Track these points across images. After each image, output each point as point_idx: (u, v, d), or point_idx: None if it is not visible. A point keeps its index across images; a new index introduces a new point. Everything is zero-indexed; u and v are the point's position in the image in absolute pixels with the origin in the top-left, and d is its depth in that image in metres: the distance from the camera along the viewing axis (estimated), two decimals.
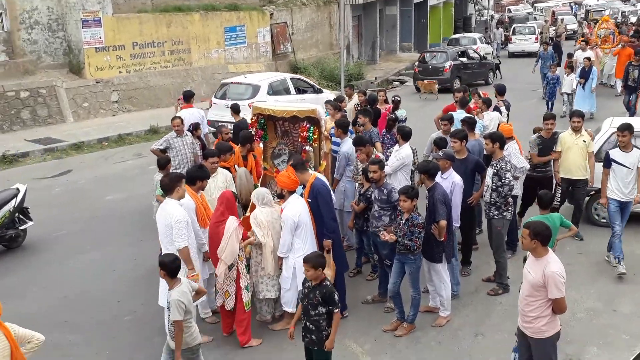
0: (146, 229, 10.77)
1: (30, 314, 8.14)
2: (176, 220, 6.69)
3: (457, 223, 8.06)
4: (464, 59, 25.71)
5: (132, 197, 12.23)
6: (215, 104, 17.18)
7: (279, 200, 7.90)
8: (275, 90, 17.47)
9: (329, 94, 19.16)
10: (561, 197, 10.13)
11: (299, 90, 18.18)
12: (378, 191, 7.79)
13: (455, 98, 12.45)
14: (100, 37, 19.66)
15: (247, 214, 8.05)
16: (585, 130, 9.97)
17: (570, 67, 18.78)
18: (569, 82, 18.42)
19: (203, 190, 7.72)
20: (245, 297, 7.11)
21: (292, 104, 10.10)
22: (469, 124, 9.83)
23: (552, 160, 9.89)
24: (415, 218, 7.11)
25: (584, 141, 9.78)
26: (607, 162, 8.95)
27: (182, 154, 10.15)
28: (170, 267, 5.84)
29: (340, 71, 24.61)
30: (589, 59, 18.52)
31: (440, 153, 8.34)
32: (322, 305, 5.71)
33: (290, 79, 18.42)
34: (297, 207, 7.26)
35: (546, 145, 9.83)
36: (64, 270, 9.53)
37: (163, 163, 9.15)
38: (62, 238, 10.78)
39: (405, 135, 9.33)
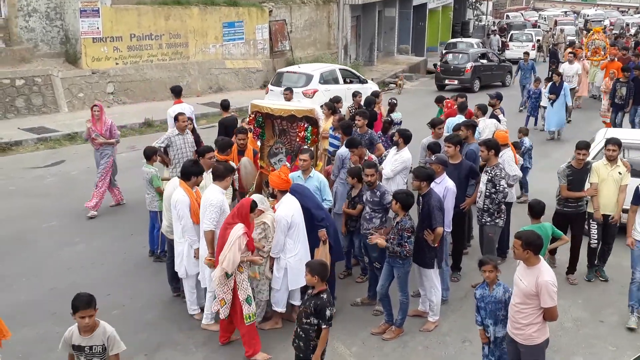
0: (137, 222, 10.76)
1: (18, 304, 8.11)
2: (210, 204, 7.03)
3: (448, 228, 8.08)
4: (484, 61, 26.55)
5: (124, 190, 12.18)
6: (271, 90, 18.85)
7: (272, 200, 7.92)
8: (326, 79, 19.27)
9: (373, 85, 20.93)
10: (597, 235, 8.82)
11: (346, 80, 19.84)
12: (370, 193, 7.81)
13: (447, 105, 12.57)
14: (97, 28, 19.59)
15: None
16: (621, 160, 8.79)
17: (548, 80, 17.91)
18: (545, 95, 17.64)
19: (198, 185, 7.71)
20: (246, 309, 6.84)
21: (290, 102, 10.09)
22: (473, 126, 9.87)
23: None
24: (404, 222, 7.10)
25: (620, 173, 8.60)
26: (637, 198, 7.80)
27: (183, 151, 10.14)
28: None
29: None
30: (559, 74, 17.57)
31: (433, 157, 8.36)
32: (313, 316, 5.69)
33: (339, 69, 20.22)
34: (290, 207, 7.24)
35: (577, 177, 8.75)
36: (53, 262, 9.49)
37: (149, 154, 9.28)
38: (52, 229, 10.73)
39: (407, 138, 9.35)
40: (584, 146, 8.70)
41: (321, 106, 11.64)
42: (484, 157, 8.54)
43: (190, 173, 7.54)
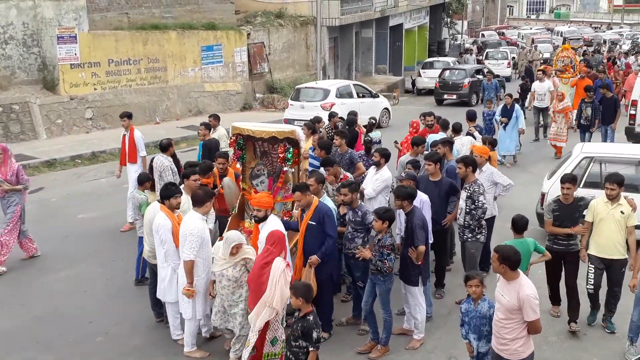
0: (118, 248, 10.70)
1: (1, 332, 8.02)
2: (191, 233, 7.01)
3: (430, 239, 8.14)
4: (480, 76, 27.49)
5: (104, 216, 12.13)
6: (291, 105, 20.89)
7: (255, 223, 7.94)
8: (342, 94, 21.19)
9: (384, 100, 22.84)
10: (594, 280, 7.92)
11: (359, 95, 21.90)
12: (352, 213, 7.87)
13: (426, 122, 12.66)
14: (75, 54, 19.58)
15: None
16: (625, 199, 7.83)
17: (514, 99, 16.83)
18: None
19: (178, 209, 7.72)
20: (267, 348, 6.39)
21: (270, 124, 10.12)
22: (450, 143, 10.04)
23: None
24: (384, 239, 7.16)
25: (622, 212, 7.69)
26: None
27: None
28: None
29: None
30: (510, 95, 16.57)
31: (403, 174, 8.49)
32: (302, 339, 5.68)
33: (353, 85, 22.35)
34: (275, 225, 7.27)
35: (565, 212, 7.90)
36: (35, 289, 9.40)
37: (143, 179, 9.21)
38: (34, 257, 10.63)
39: (386, 157, 9.47)
40: (567, 179, 7.86)
41: (302, 127, 11.74)
42: (461, 174, 8.63)
43: (163, 197, 7.59)
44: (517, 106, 16.39)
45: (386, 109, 23.01)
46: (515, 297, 5.57)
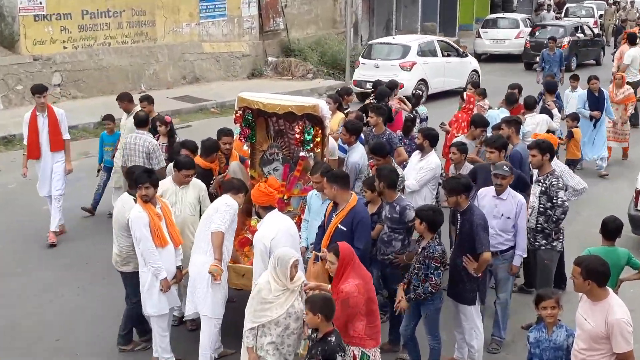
0: (92, 248, 10.76)
1: None
2: (226, 204, 7.54)
3: (524, 254, 8.21)
4: (580, 35, 27.96)
5: (75, 207, 12.21)
6: (363, 64, 22.43)
7: (257, 219, 8.04)
8: (424, 51, 22.66)
9: (473, 60, 24.09)
10: None
11: (444, 54, 23.24)
12: (389, 207, 7.90)
13: (470, 96, 12.60)
14: (40, 3, 19.65)
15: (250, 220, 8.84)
16: None
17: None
18: (573, 102, 15.19)
19: (149, 201, 7.72)
20: None
21: (288, 97, 10.14)
22: (516, 123, 10.01)
23: None
24: (432, 248, 7.17)
25: None
26: None
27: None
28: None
29: (345, 56, 24.77)
30: (596, 78, 14.92)
31: (504, 166, 8.29)
32: None
33: (437, 41, 23.75)
34: (272, 228, 7.32)
35: None
36: None
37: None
38: None
39: (433, 139, 9.45)
40: None
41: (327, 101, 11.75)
42: (535, 163, 8.62)
43: (134, 184, 7.70)
44: (605, 92, 15.02)
45: (475, 71, 23.64)
46: (603, 322, 5.53)
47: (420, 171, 9.29)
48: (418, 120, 12.57)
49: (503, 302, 8.32)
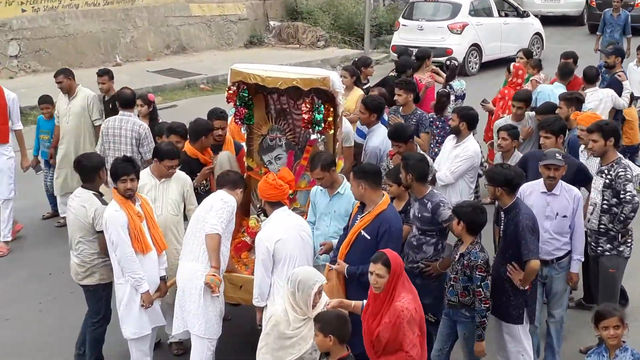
0: (59, 255, 10.73)
1: None
2: (222, 200, 7.60)
3: (582, 257, 8.16)
4: None
5: (37, 206, 12.22)
6: (404, 25, 23.07)
7: (263, 218, 8.05)
8: (477, 10, 23.17)
9: (535, 21, 24.24)
10: None
11: (501, 14, 23.76)
12: (418, 205, 7.85)
13: (518, 68, 12.55)
14: None
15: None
16: None
17: None
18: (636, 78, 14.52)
19: (132, 196, 7.78)
20: None
21: (293, 68, 10.07)
22: (577, 102, 10.05)
23: None
24: (474, 255, 7.14)
25: None
26: None
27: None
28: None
29: (364, 20, 24.72)
30: None
31: (557, 154, 8.16)
32: None
33: None
34: (279, 228, 7.31)
35: None
36: None
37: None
38: None
39: (471, 121, 9.41)
40: None
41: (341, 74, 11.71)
42: (597, 150, 8.51)
43: (115, 176, 7.68)
44: None
45: (538, 34, 23.85)
46: None
47: (455, 160, 9.27)
48: (452, 98, 12.49)
49: (558, 321, 8.26)
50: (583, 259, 8.28)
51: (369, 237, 7.31)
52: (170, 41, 23.45)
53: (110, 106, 11.51)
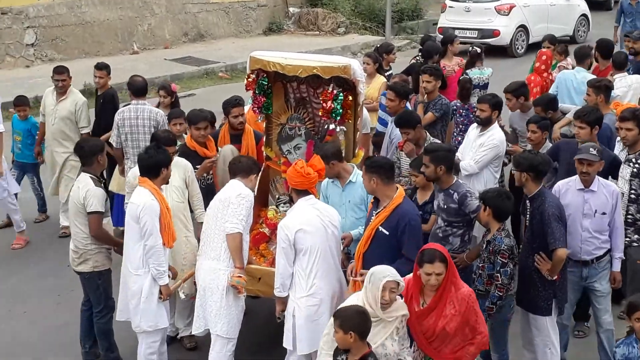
0: (58, 257, 10.69)
1: None
2: (239, 195, 7.53)
3: (623, 255, 8.03)
4: None
5: (51, 199, 12.20)
6: (450, 7, 23.24)
7: (287, 206, 8.07)
8: None
9: (582, 3, 24.10)
10: None
11: None
12: (443, 196, 7.82)
13: (543, 54, 12.46)
14: None
15: None
16: None
17: None
18: None
19: (167, 183, 7.92)
20: None
21: (313, 56, 10.01)
22: (607, 89, 9.91)
23: None
24: (499, 241, 7.15)
25: None
26: None
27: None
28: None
29: (385, 6, 24.68)
30: None
31: (592, 149, 7.89)
32: None
33: None
34: (302, 217, 7.27)
35: None
36: None
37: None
38: None
39: (498, 107, 9.42)
40: None
41: (363, 61, 11.65)
42: (630, 139, 8.45)
43: (157, 164, 7.64)
44: None
45: (584, 16, 23.87)
46: None
47: (480, 149, 9.24)
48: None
49: (609, 330, 8.03)
50: (624, 257, 8.14)
51: (387, 233, 7.25)
52: (188, 29, 23.46)
53: (101, 101, 11.47)
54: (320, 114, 8.84)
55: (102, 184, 8.22)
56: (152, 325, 7.64)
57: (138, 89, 10.57)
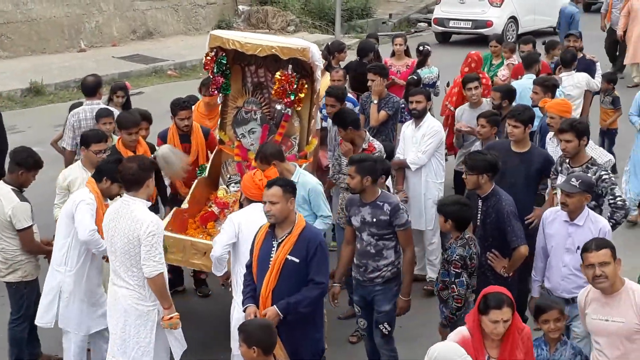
0: None
1: None
2: (150, 233, 6.78)
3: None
4: None
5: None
6: None
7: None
8: None
9: None
10: None
11: None
12: (371, 209, 7.54)
13: (472, 59, 12.39)
14: None
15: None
16: None
17: None
18: None
19: (111, 199, 7.76)
20: None
21: (272, 37, 9.97)
22: (553, 88, 10.13)
23: None
24: (452, 251, 7.18)
25: None
26: None
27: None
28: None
29: (335, 4, 24.66)
30: None
31: (574, 180, 7.27)
32: None
33: None
34: (249, 215, 7.28)
35: None
36: None
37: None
38: None
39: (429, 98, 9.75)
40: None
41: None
42: (570, 151, 8.15)
43: (104, 173, 7.63)
44: None
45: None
46: (632, 311, 5.78)
47: (423, 140, 9.42)
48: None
49: None
50: None
51: (297, 261, 6.80)
52: (137, 26, 23.40)
53: None
54: (273, 92, 8.88)
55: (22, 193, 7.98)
56: (74, 328, 7.63)
57: (90, 88, 10.38)
